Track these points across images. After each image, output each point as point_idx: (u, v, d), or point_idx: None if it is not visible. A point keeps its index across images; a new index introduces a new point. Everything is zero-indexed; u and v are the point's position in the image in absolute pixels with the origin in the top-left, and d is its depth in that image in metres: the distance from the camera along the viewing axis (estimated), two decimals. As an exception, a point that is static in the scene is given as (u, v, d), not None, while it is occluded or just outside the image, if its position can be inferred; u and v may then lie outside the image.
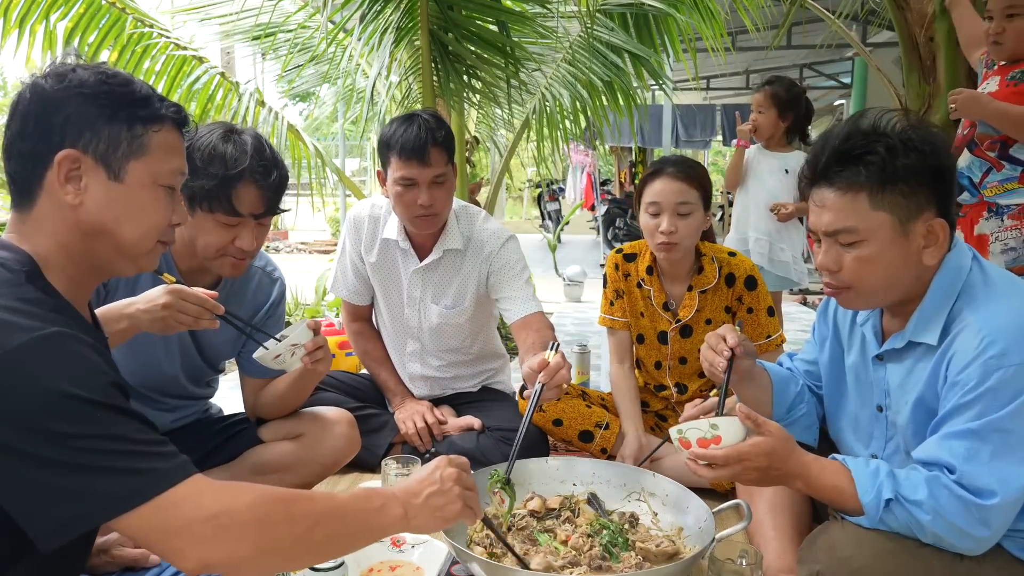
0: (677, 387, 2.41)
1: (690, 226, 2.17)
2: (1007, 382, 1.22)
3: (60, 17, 3.42)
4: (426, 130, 2.18)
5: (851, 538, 1.29)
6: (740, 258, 2.31)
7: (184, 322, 1.63)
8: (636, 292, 2.39)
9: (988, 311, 1.29)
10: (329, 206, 11.18)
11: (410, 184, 2.21)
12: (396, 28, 3.39)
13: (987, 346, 1.24)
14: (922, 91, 3.55)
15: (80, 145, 1.05)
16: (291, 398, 2.05)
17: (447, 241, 2.39)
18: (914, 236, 1.33)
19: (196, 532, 0.95)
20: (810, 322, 5.31)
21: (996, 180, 2.48)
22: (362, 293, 2.57)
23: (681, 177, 2.16)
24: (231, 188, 1.71)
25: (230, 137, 1.75)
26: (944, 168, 1.34)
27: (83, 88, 1.05)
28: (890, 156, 1.30)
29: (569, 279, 6.62)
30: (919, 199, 1.31)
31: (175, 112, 1.13)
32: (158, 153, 1.10)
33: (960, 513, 1.23)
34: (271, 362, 1.82)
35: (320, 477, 2.10)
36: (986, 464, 1.23)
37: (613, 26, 3.90)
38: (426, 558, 1.75)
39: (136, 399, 1.89)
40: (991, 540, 1.26)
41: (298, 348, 1.83)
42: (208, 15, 4.04)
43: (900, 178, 1.30)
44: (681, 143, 10.92)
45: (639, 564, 1.56)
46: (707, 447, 1.37)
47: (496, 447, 2.28)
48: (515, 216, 19.87)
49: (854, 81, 8.01)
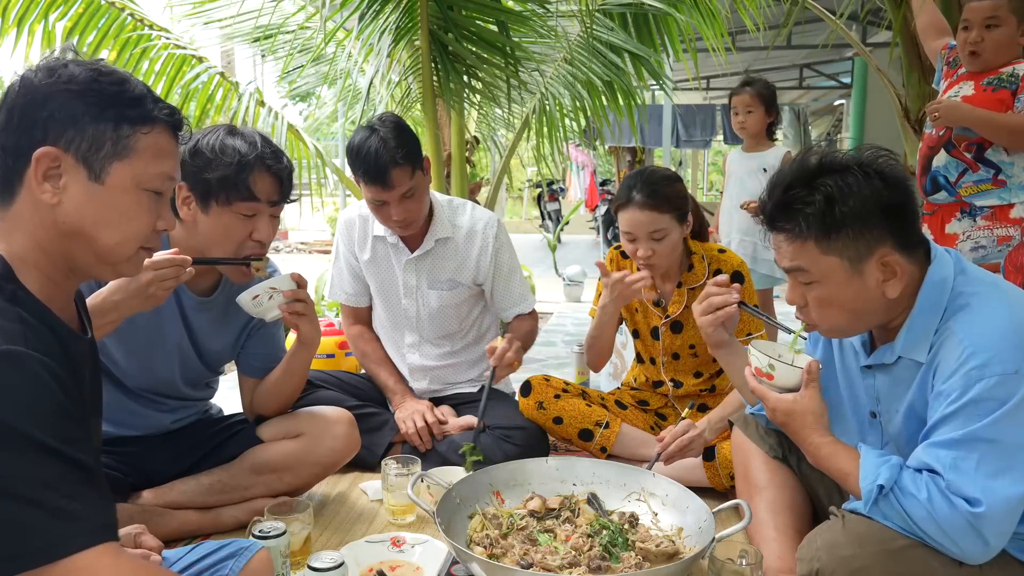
0: (673, 383, 2.44)
1: (667, 246, 2.21)
2: (989, 392, 1.23)
3: (59, 17, 3.41)
4: (386, 152, 2.18)
5: (851, 537, 1.29)
6: (729, 254, 2.35)
7: (168, 286, 1.63)
8: None
9: (971, 320, 1.30)
10: (329, 206, 11.18)
11: (381, 203, 2.27)
12: (396, 28, 3.38)
13: (968, 357, 1.25)
14: (922, 91, 3.55)
15: (62, 143, 1.01)
16: (284, 385, 2.04)
17: (436, 231, 2.43)
18: (869, 273, 1.34)
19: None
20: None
21: (971, 180, 2.54)
22: (360, 294, 2.60)
23: (650, 205, 2.16)
24: (248, 174, 1.74)
25: (235, 132, 1.79)
26: (894, 203, 1.33)
27: (72, 84, 1.02)
28: (828, 206, 1.31)
29: (569, 279, 6.61)
30: (868, 239, 1.32)
31: (168, 114, 1.09)
32: (145, 156, 1.06)
33: (949, 518, 1.23)
34: (249, 303, 1.83)
35: (319, 477, 2.10)
36: (971, 474, 1.23)
37: (613, 26, 3.90)
38: (426, 558, 1.75)
39: (136, 400, 1.92)
40: (989, 552, 1.25)
41: (276, 293, 1.84)
42: (210, 18, 4.05)
43: (844, 224, 1.31)
44: (681, 143, 10.92)
45: (639, 564, 1.57)
46: (760, 376, 1.50)
47: (496, 446, 2.28)
48: (515, 216, 19.86)
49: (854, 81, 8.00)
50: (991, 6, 2.48)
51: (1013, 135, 2.43)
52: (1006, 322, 1.28)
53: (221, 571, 1.25)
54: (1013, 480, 1.22)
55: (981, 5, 2.50)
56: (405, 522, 2.02)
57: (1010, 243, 2.50)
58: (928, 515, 1.25)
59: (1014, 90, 2.46)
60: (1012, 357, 1.24)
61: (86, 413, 1.02)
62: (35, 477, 0.88)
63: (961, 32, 2.55)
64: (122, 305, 1.59)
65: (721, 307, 1.74)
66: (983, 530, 1.22)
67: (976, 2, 2.52)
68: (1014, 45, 2.50)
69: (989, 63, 2.51)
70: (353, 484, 2.29)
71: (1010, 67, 2.49)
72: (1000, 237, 2.51)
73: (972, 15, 2.51)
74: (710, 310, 1.75)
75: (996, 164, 2.50)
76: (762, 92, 3.53)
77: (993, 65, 2.51)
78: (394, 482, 2.01)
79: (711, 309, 1.75)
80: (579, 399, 2.42)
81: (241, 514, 1.92)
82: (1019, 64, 2.49)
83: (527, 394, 2.40)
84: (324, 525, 2.02)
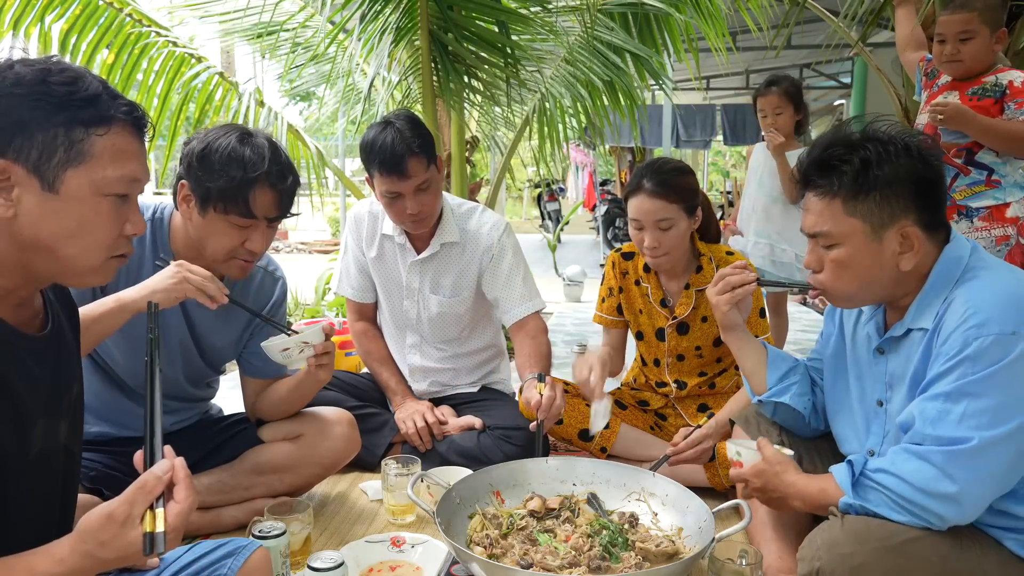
0: (677, 384, 2.43)
1: (674, 237, 2.20)
2: (985, 350, 1.26)
3: (56, 18, 3.38)
4: (402, 141, 2.17)
5: (850, 535, 1.30)
6: (737, 257, 2.33)
7: (188, 290, 1.67)
8: (634, 289, 2.42)
9: (976, 287, 1.34)
10: (329, 206, 11.18)
11: (396, 196, 2.24)
12: (396, 28, 3.38)
13: (970, 316, 1.29)
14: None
15: (11, 152, 0.94)
16: (291, 403, 2.05)
17: (443, 235, 2.41)
18: (888, 242, 1.38)
19: None
20: (810, 322, 5.36)
21: (964, 184, 2.56)
22: (366, 289, 2.59)
23: (658, 194, 2.16)
24: (249, 191, 1.72)
25: (247, 140, 1.75)
26: (926, 178, 1.38)
27: (17, 88, 0.94)
28: (863, 167, 1.37)
29: (569, 279, 6.61)
30: (893, 208, 1.37)
31: (127, 112, 1.01)
32: (102, 159, 0.98)
33: (917, 471, 1.28)
34: (277, 354, 1.82)
35: (320, 477, 2.10)
36: (953, 424, 1.27)
37: (613, 26, 3.90)
38: (426, 558, 1.75)
39: (137, 401, 1.91)
40: (960, 500, 1.27)
41: (307, 347, 1.83)
42: (208, 12, 4.03)
43: (873, 188, 1.36)
44: (681, 143, 10.92)
45: (639, 564, 1.56)
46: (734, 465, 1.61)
47: (496, 446, 2.28)
48: (515, 216, 19.87)
49: (854, 81, 8.01)
50: (962, 19, 2.49)
51: (1014, 142, 2.45)
52: (1011, 287, 1.32)
53: (219, 570, 1.24)
54: (990, 428, 1.25)
55: (952, 19, 2.51)
56: (405, 522, 2.02)
57: (1008, 242, 2.52)
58: (897, 479, 1.30)
59: (999, 98, 2.49)
60: (1011, 318, 1.27)
61: (30, 414, 0.99)
62: None
63: (937, 45, 2.58)
64: (136, 302, 1.62)
65: (739, 286, 1.73)
66: (951, 469, 1.26)
67: (948, 16, 2.53)
68: (990, 53, 2.54)
69: (968, 70, 2.56)
70: (353, 484, 2.29)
71: (993, 76, 2.52)
72: (998, 237, 2.53)
73: (945, 29, 2.54)
74: (727, 288, 1.74)
75: (988, 166, 2.53)
76: (789, 90, 3.34)
77: (974, 71, 2.55)
78: (394, 482, 2.01)
79: (728, 288, 1.74)
80: (579, 399, 2.41)
81: (241, 514, 1.93)
82: (1002, 72, 2.52)
83: (527, 394, 2.40)
84: (324, 525, 2.02)
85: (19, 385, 1.00)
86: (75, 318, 1.21)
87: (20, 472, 1.01)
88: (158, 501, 0.93)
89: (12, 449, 0.99)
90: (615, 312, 2.48)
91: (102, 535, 0.90)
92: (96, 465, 1.86)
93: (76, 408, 1.16)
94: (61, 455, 1.11)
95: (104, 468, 1.87)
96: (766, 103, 3.34)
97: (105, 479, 1.84)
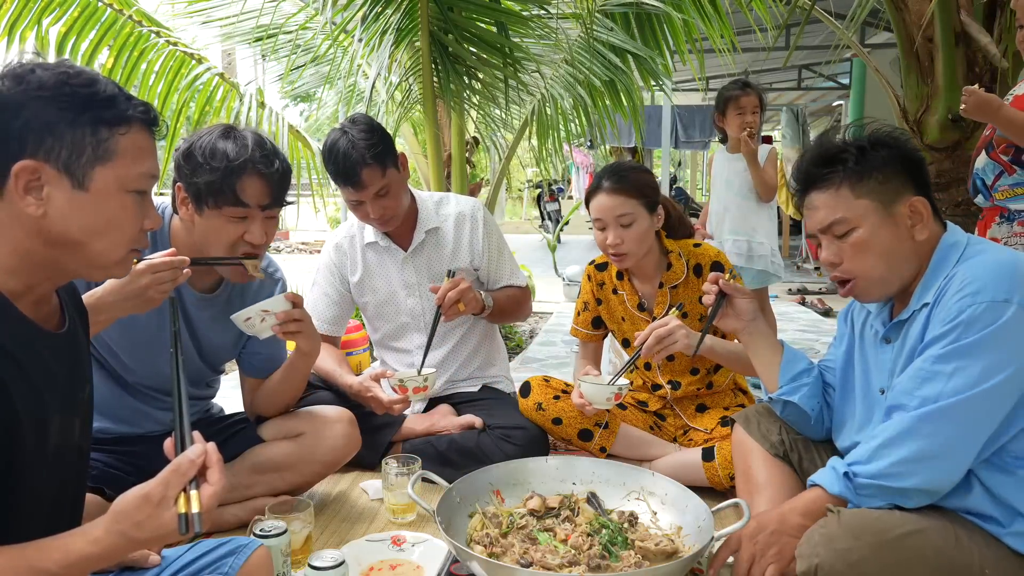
0: (671, 384, 2.44)
1: (635, 233, 2.22)
2: (978, 317, 1.31)
3: (53, 22, 3.36)
4: (355, 152, 2.20)
5: (847, 530, 1.31)
6: (705, 247, 2.36)
7: (166, 289, 1.62)
8: (613, 299, 2.44)
9: (976, 262, 1.39)
10: (330, 206, 11.18)
11: (357, 202, 2.30)
12: (396, 29, 3.39)
13: (966, 284, 1.34)
14: (920, 92, 3.54)
15: (41, 153, 0.98)
16: (285, 391, 2.05)
17: (426, 223, 2.47)
18: (900, 216, 1.44)
19: None
20: (809, 322, 5.36)
21: (1007, 184, 2.42)
22: (338, 321, 2.58)
23: (616, 190, 2.21)
24: (235, 179, 1.72)
25: (229, 134, 1.77)
26: (911, 156, 1.47)
27: (42, 91, 0.97)
28: (860, 153, 1.45)
29: (568, 279, 6.61)
30: (895, 184, 1.44)
31: (143, 112, 1.06)
32: (126, 157, 1.03)
33: (893, 427, 1.36)
34: (242, 324, 1.84)
35: (320, 476, 2.10)
36: (940, 384, 1.33)
37: (613, 26, 3.91)
38: (426, 557, 1.76)
39: (138, 398, 1.92)
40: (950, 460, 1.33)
41: (269, 315, 1.84)
42: (209, 17, 4.04)
43: (874, 168, 1.44)
44: (680, 144, 10.93)
45: (638, 563, 1.57)
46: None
47: (496, 445, 2.29)
48: (515, 216, 19.87)
49: (852, 82, 8.00)
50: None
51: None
52: (1008, 260, 1.37)
53: (220, 568, 1.25)
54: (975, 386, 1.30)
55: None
56: (405, 521, 2.03)
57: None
58: (880, 446, 1.36)
59: None
60: (1004, 287, 1.31)
61: (48, 409, 1.01)
62: None
63: (1019, 31, 2.42)
64: (116, 307, 1.59)
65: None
66: (933, 427, 1.32)
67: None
68: None
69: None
70: (353, 483, 2.30)
71: None
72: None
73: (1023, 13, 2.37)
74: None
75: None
76: (759, 91, 3.53)
77: None
78: (394, 481, 2.02)
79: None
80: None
81: (242, 513, 1.93)
82: None
83: (526, 395, 2.40)
84: (325, 524, 2.03)
85: (39, 381, 1.01)
86: (85, 318, 1.23)
87: (38, 466, 1.03)
88: (191, 483, 0.97)
89: (32, 444, 1.01)
90: (590, 326, 2.52)
91: (137, 515, 0.93)
92: (97, 464, 1.87)
93: (88, 407, 1.18)
94: (75, 452, 1.12)
95: (105, 467, 1.88)
96: (748, 102, 3.47)
97: (106, 478, 1.85)
